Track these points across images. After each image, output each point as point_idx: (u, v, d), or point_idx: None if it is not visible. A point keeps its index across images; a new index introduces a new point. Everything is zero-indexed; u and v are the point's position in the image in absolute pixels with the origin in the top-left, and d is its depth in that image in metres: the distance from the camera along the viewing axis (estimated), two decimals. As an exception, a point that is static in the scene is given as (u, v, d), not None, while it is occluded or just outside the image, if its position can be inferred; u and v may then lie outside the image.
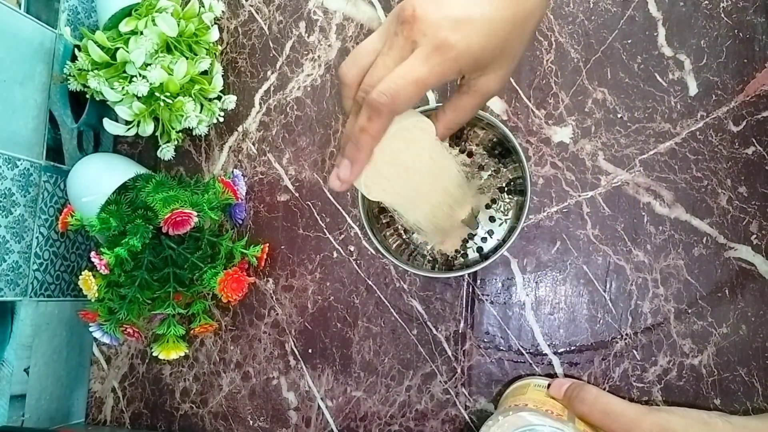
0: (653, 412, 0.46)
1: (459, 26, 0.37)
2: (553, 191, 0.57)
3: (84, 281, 0.56)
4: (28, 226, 0.61)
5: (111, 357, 0.68)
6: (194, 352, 0.65)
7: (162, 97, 0.58)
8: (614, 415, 0.46)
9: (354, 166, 0.41)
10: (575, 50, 0.57)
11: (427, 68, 0.38)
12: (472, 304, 0.58)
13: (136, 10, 0.59)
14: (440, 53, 0.37)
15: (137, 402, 0.67)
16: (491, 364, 0.57)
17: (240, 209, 0.64)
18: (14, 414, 0.60)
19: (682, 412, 0.48)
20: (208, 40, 0.62)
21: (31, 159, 0.61)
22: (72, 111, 0.66)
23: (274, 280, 0.63)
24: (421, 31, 0.37)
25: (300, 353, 0.62)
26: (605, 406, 0.47)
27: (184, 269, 0.60)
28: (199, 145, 0.67)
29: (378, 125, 0.39)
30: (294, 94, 0.64)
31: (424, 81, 0.38)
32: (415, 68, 0.38)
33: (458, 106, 0.43)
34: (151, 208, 0.56)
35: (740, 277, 0.53)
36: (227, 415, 0.64)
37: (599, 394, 0.48)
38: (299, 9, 0.65)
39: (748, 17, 0.54)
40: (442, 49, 0.37)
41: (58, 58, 0.64)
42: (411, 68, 0.38)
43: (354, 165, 0.41)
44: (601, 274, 0.56)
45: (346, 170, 0.41)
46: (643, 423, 0.45)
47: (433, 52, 0.37)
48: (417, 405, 0.59)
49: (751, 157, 0.54)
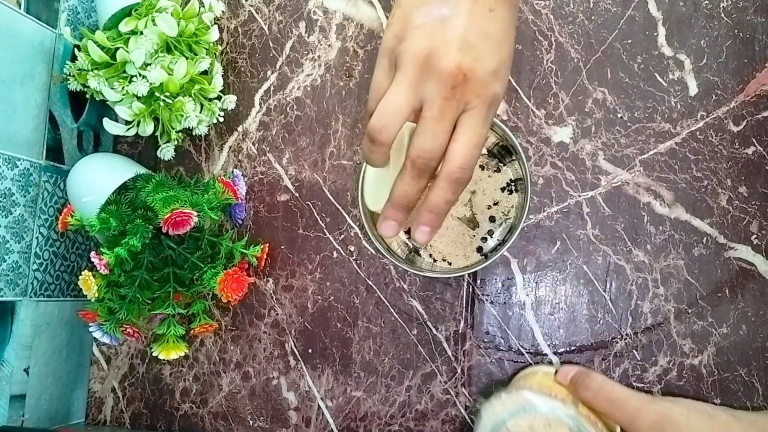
0: (656, 401, 0.46)
1: (499, 76, 0.38)
2: (553, 191, 0.57)
3: (84, 281, 0.56)
4: (28, 226, 0.61)
5: (111, 357, 0.68)
6: (194, 352, 0.65)
7: (162, 97, 0.58)
8: (618, 403, 0.47)
9: (433, 231, 0.42)
10: (575, 50, 0.57)
11: (487, 128, 0.39)
12: (472, 304, 0.58)
13: (136, 10, 0.59)
14: (494, 109, 0.39)
15: (137, 402, 0.67)
16: (491, 364, 0.57)
17: (240, 209, 0.64)
18: (14, 414, 0.60)
19: (687, 403, 0.48)
20: (208, 40, 0.62)
21: (31, 159, 0.61)
22: (72, 111, 0.66)
23: (274, 280, 0.63)
24: (473, 92, 0.37)
25: (300, 353, 0.62)
26: (609, 393, 0.47)
27: (184, 269, 0.60)
28: (199, 145, 0.67)
29: (459, 194, 0.40)
30: (294, 94, 0.64)
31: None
32: (481, 134, 0.38)
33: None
34: (151, 208, 0.56)
35: (740, 277, 0.53)
36: (227, 415, 0.64)
37: (604, 382, 0.49)
38: (299, 9, 0.65)
39: (748, 17, 0.54)
40: (495, 105, 0.39)
41: (58, 58, 0.64)
42: (479, 135, 0.38)
43: (433, 230, 0.42)
44: (601, 274, 0.56)
45: (425, 236, 0.42)
46: (645, 411, 0.46)
47: (489, 111, 0.38)
48: (417, 405, 0.59)
49: (751, 157, 0.54)
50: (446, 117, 0.38)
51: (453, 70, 0.36)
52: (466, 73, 0.37)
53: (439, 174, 0.39)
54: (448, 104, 0.37)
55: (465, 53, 0.37)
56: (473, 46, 0.37)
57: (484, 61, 0.37)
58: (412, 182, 0.40)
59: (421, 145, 0.38)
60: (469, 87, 0.37)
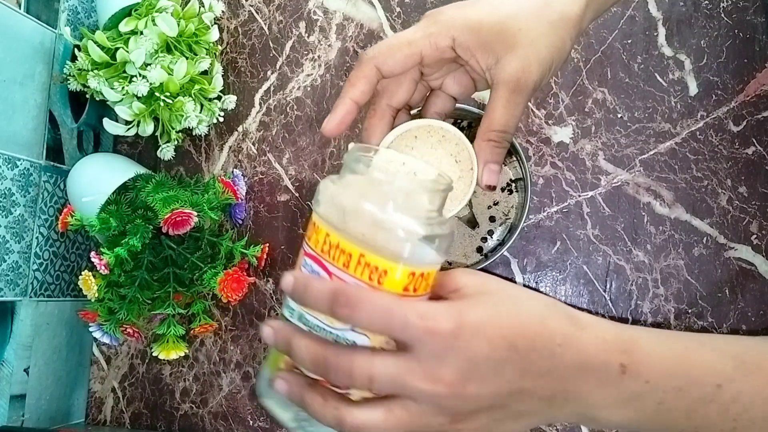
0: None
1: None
2: (553, 191, 0.57)
3: (84, 281, 0.56)
4: (28, 226, 0.61)
5: (111, 357, 0.68)
6: (194, 352, 0.65)
7: (162, 97, 0.58)
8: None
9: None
10: (575, 50, 0.57)
11: (414, 29, 0.39)
12: (472, 304, 0.58)
13: (136, 10, 0.59)
14: (428, 18, 0.39)
15: (137, 402, 0.67)
16: (491, 364, 0.57)
17: (240, 209, 0.64)
18: (14, 414, 0.60)
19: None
20: (208, 40, 0.62)
21: (31, 159, 0.61)
22: (72, 111, 0.66)
23: (274, 280, 0.63)
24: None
25: (300, 353, 0.62)
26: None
27: (184, 269, 0.60)
28: (199, 145, 0.67)
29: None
30: (294, 94, 0.64)
31: (414, 42, 0.38)
32: (408, 31, 0.39)
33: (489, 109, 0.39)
34: (151, 208, 0.56)
35: (740, 277, 0.53)
36: (227, 415, 0.64)
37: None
38: (299, 9, 0.65)
39: (748, 17, 0.54)
40: (430, 16, 0.39)
41: (58, 58, 0.64)
42: (407, 32, 0.39)
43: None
44: (601, 274, 0.56)
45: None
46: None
47: (425, 19, 0.39)
48: (417, 405, 0.59)
49: (751, 157, 0.54)
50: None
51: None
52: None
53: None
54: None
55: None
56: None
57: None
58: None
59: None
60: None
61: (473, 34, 0.37)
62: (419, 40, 0.38)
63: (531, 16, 0.38)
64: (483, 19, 0.37)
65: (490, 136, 0.39)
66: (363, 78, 0.39)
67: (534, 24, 0.38)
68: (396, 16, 0.62)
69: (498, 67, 0.38)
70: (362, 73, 0.39)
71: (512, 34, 0.37)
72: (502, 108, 0.38)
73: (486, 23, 0.37)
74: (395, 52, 0.38)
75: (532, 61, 0.38)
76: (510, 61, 0.37)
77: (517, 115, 0.39)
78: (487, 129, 0.39)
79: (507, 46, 0.37)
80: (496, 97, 0.38)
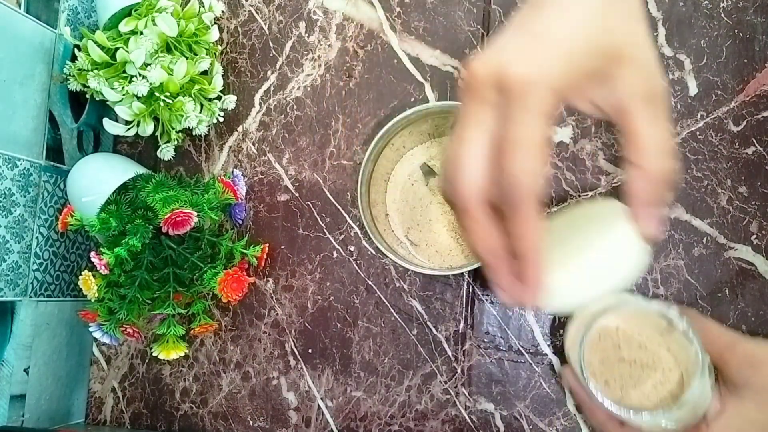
0: (750, 340, 0.44)
1: (528, 52, 0.30)
2: (553, 191, 0.57)
3: (84, 281, 0.56)
4: (28, 226, 0.61)
5: (111, 357, 0.68)
6: (194, 352, 0.65)
7: (162, 97, 0.58)
8: (711, 336, 0.44)
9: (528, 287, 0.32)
10: (575, 50, 0.57)
11: (527, 128, 0.29)
12: (472, 304, 0.58)
13: (136, 10, 0.59)
14: (520, 95, 0.29)
15: (137, 402, 0.67)
16: (491, 364, 0.57)
17: (240, 209, 0.64)
18: (14, 414, 0.60)
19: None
20: (208, 40, 0.62)
21: (31, 159, 0.61)
22: (72, 111, 0.66)
23: (274, 280, 0.63)
24: (486, 85, 0.30)
25: (300, 353, 0.62)
26: (702, 324, 0.46)
27: (184, 269, 0.60)
28: (199, 145, 0.67)
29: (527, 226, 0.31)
30: (294, 94, 0.64)
31: (533, 145, 0.29)
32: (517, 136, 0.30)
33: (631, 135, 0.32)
34: (151, 208, 0.56)
35: (740, 277, 0.53)
36: (227, 415, 0.64)
37: (697, 315, 0.47)
38: (299, 9, 0.65)
39: (748, 17, 0.54)
40: (520, 90, 0.29)
41: (58, 58, 0.64)
42: (513, 138, 0.30)
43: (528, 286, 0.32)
44: (601, 274, 0.56)
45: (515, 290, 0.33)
46: (738, 347, 0.43)
47: (514, 99, 0.29)
48: (417, 405, 0.59)
49: (751, 157, 0.54)
50: (462, 122, 0.31)
51: (467, 73, 0.31)
52: (474, 68, 0.30)
53: None
54: (464, 108, 0.31)
55: (486, 52, 0.31)
56: (502, 42, 0.31)
57: (504, 48, 0.31)
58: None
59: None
60: (478, 79, 0.31)
61: (575, 73, 0.30)
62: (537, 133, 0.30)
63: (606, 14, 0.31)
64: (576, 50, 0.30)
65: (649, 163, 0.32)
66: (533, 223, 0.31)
67: (616, 21, 0.31)
68: (396, 16, 0.62)
69: (615, 89, 0.32)
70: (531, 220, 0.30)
71: (608, 46, 0.31)
72: (648, 126, 0.32)
73: (576, 56, 0.30)
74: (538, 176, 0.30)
75: (644, 60, 0.32)
76: (625, 75, 0.32)
77: (668, 131, 0.32)
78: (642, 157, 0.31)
79: (613, 63, 0.31)
80: (635, 118, 0.32)
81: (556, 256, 0.36)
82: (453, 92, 0.60)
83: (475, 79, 0.30)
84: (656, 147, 0.32)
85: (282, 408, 0.62)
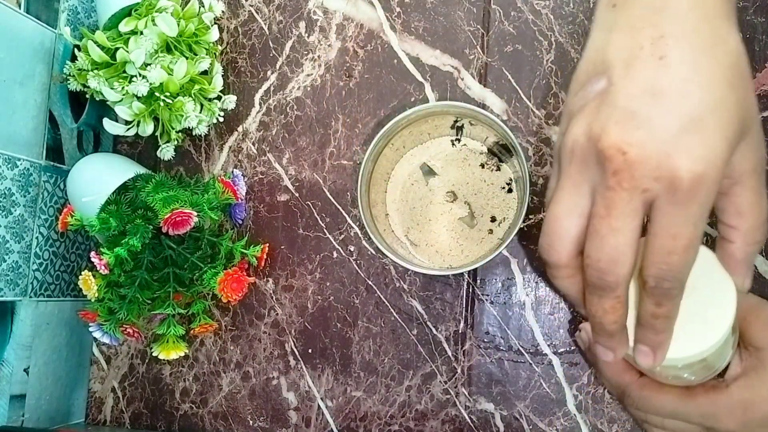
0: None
1: (686, 144, 0.28)
2: (553, 191, 0.57)
3: (84, 281, 0.56)
4: (28, 226, 0.61)
5: (111, 357, 0.68)
6: (194, 352, 0.65)
7: (162, 97, 0.58)
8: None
9: (659, 351, 0.34)
10: (575, 50, 0.57)
11: (691, 224, 0.28)
12: (472, 304, 0.58)
13: (136, 10, 0.59)
14: (691, 193, 0.28)
15: (137, 402, 0.67)
16: (491, 364, 0.57)
17: (240, 209, 0.64)
18: (14, 414, 0.60)
19: None
20: (208, 40, 0.62)
21: (31, 159, 0.61)
22: (72, 111, 0.66)
23: (274, 280, 0.63)
24: (646, 175, 0.28)
25: (300, 353, 0.62)
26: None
27: (184, 269, 0.60)
28: (199, 145, 0.67)
29: (671, 306, 0.32)
30: (294, 94, 0.64)
31: (696, 238, 0.29)
32: (679, 231, 0.29)
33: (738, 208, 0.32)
34: (151, 208, 0.56)
35: (740, 277, 0.53)
36: (227, 415, 0.64)
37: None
38: (299, 9, 0.65)
39: (748, 17, 0.54)
40: (691, 187, 0.28)
41: (58, 58, 0.64)
42: (675, 233, 0.29)
43: (659, 350, 0.34)
44: (601, 274, 0.56)
45: (648, 358, 0.34)
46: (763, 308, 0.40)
47: (679, 198, 0.28)
48: (417, 405, 0.59)
49: (751, 157, 0.54)
50: (614, 213, 0.29)
51: (608, 149, 0.28)
52: (626, 150, 0.28)
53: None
54: (615, 195, 0.29)
55: (625, 125, 0.28)
56: (636, 114, 0.28)
57: (654, 129, 0.28)
58: (593, 301, 0.32)
59: (588, 251, 0.30)
60: (638, 170, 0.28)
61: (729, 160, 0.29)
62: (698, 232, 0.29)
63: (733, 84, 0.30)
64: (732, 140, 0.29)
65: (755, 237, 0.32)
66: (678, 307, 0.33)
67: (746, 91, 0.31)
68: (396, 16, 0.62)
69: (736, 159, 0.30)
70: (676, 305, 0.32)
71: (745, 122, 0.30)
72: (754, 195, 0.31)
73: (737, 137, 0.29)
74: (690, 261, 0.30)
75: (757, 130, 0.31)
76: (743, 149, 0.30)
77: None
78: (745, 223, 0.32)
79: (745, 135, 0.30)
80: (744, 189, 0.31)
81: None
82: (453, 92, 0.60)
83: (633, 168, 0.28)
84: (760, 217, 0.32)
85: (282, 408, 0.62)
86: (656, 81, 0.28)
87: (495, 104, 0.59)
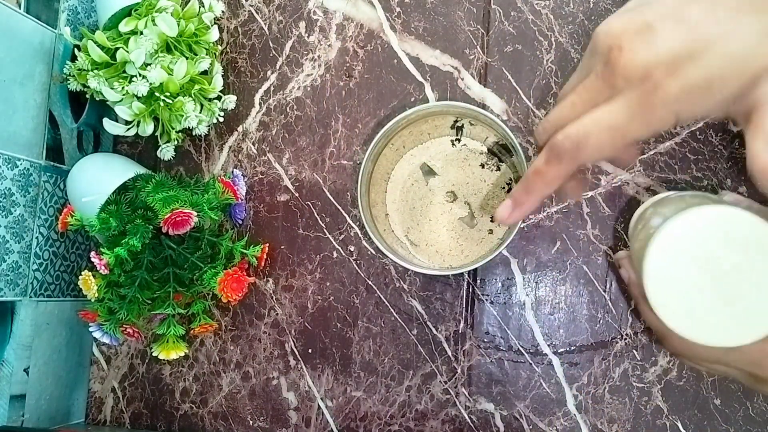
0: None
1: (678, 67, 0.30)
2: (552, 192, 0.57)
3: (84, 281, 0.56)
4: (28, 226, 0.61)
5: (111, 357, 0.68)
6: (194, 352, 0.65)
7: (162, 97, 0.58)
8: None
9: (516, 210, 0.36)
10: (575, 50, 0.57)
11: (627, 115, 0.31)
12: (472, 304, 0.58)
13: (136, 10, 0.59)
14: (647, 102, 0.30)
15: (137, 402, 0.67)
16: (491, 364, 0.57)
17: (240, 209, 0.64)
18: (14, 414, 0.60)
19: None
20: (208, 40, 0.62)
21: (31, 159, 0.61)
22: (72, 111, 0.66)
23: (274, 280, 0.63)
24: (625, 77, 0.31)
25: (300, 353, 0.62)
26: None
27: (184, 269, 0.60)
28: (199, 145, 0.67)
29: (555, 171, 0.34)
30: (294, 94, 0.64)
31: (623, 130, 0.31)
32: (612, 114, 0.31)
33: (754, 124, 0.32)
34: (151, 208, 0.56)
35: (740, 277, 0.53)
36: (227, 415, 0.64)
37: None
38: (299, 9, 0.65)
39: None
40: (655, 100, 0.30)
41: (58, 58, 0.64)
42: (606, 113, 0.32)
43: (516, 209, 0.36)
44: (601, 274, 0.56)
45: (505, 210, 0.37)
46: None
47: (640, 100, 0.31)
48: (417, 405, 0.59)
49: (751, 157, 0.54)
50: (585, 92, 0.32)
51: (612, 48, 0.30)
52: (623, 57, 0.30)
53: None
54: (594, 81, 0.32)
55: (635, 33, 0.30)
56: (653, 28, 0.30)
57: (657, 44, 0.30)
58: (539, 160, 0.35)
59: (549, 114, 0.34)
60: (621, 71, 0.31)
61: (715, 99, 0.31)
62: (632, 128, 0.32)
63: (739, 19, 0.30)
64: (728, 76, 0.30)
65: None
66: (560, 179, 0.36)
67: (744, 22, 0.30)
68: (396, 16, 0.62)
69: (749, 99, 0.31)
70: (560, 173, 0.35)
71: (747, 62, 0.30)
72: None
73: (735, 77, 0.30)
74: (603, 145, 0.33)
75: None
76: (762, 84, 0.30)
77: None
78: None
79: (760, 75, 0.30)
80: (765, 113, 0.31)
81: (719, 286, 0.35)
82: (453, 92, 0.60)
83: (626, 69, 0.31)
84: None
85: (282, 408, 0.62)
86: (687, 9, 0.30)
87: (495, 104, 0.59)
